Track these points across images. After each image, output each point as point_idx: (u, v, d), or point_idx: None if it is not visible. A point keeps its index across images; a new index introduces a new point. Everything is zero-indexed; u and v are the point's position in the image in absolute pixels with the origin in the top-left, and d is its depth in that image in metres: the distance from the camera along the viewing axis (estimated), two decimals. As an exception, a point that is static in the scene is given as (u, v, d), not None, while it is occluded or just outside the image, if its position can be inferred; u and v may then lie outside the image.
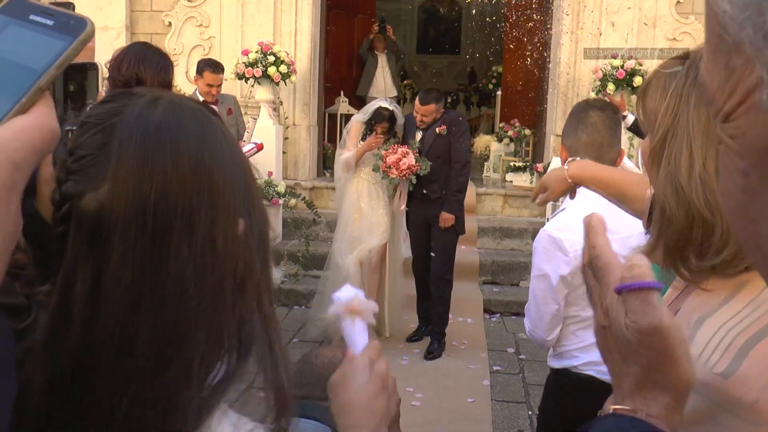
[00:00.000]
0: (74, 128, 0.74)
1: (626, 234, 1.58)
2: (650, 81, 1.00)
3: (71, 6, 1.59)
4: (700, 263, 0.94)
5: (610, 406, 0.68)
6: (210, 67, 5.05)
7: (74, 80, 1.13)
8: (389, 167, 4.82)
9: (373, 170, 4.96)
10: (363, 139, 5.01)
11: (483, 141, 9.37)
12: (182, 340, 0.70)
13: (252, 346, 0.75)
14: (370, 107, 5.14)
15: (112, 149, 0.69)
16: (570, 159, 1.97)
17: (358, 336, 0.92)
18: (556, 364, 2.29)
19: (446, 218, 4.94)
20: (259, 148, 4.88)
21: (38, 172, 1.25)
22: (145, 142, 0.69)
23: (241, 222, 0.74)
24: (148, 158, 0.69)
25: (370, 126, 4.99)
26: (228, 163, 0.74)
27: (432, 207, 4.99)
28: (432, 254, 5.07)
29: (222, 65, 5.26)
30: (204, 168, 0.71)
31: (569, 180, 1.70)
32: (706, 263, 0.92)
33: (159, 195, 0.69)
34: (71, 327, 0.70)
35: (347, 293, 0.93)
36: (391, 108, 5.05)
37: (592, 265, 0.70)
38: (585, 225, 0.71)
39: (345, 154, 5.03)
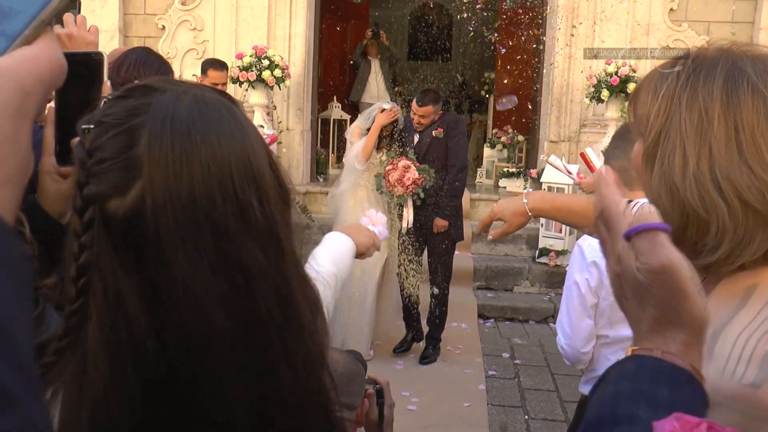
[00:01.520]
0: (90, 126, 0.70)
1: None
2: (641, 84, 1.01)
3: (76, 5, 1.57)
4: (695, 262, 0.93)
5: (629, 348, 0.69)
6: (213, 65, 4.99)
7: (78, 71, 1.10)
8: (394, 185, 4.65)
9: (377, 190, 4.79)
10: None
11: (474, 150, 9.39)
12: (285, 326, 0.71)
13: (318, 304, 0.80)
14: (373, 111, 4.99)
15: (141, 153, 0.66)
16: (525, 191, 1.92)
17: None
18: (588, 390, 2.24)
19: (439, 225, 4.82)
20: (272, 139, 4.68)
21: (39, 163, 1.23)
22: (177, 144, 0.67)
23: (281, 206, 0.74)
24: (183, 162, 0.66)
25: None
26: (258, 154, 0.73)
27: (427, 213, 4.85)
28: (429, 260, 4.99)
29: (225, 63, 5.21)
30: (240, 163, 0.70)
31: (530, 213, 1.65)
32: (700, 262, 0.91)
33: (204, 197, 0.67)
34: (134, 340, 0.67)
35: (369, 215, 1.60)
36: None
37: (603, 216, 0.72)
38: (595, 178, 0.73)
39: (356, 144, 4.84)
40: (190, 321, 0.67)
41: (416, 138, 4.92)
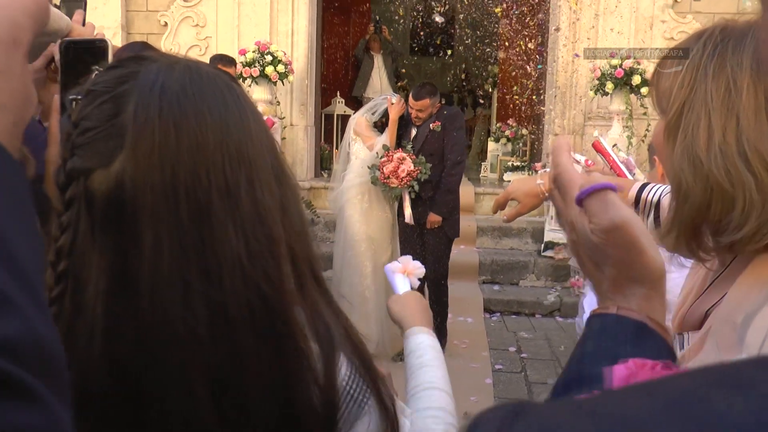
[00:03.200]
0: (79, 97, 0.67)
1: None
2: (664, 59, 0.97)
3: (84, 3, 1.55)
4: (718, 240, 0.89)
5: (592, 310, 0.69)
6: (222, 61, 4.92)
7: (83, 58, 1.08)
8: (388, 177, 4.60)
9: (372, 183, 4.72)
10: (380, 129, 4.86)
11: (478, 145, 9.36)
12: (261, 328, 0.63)
13: (333, 333, 0.69)
14: (379, 104, 4.96)
15: (126, 120, 0.61)
16: (541, 171, 1.85)
17: (401, 286, 1.30)
18: None
19: (432, 220, 4.74)
20: (269, 124, 4.64)
21: (46, 154, 1.22)
22: (165, 112, 0.61)
23: (280, 196, 0.67)
24: (170, 131, 0.61)
25: (382, 123, 4.85)
26: (255, 130, 0.67)
27: (424, 208, 4.77)
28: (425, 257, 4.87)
29: (233, 59, 5.16)
30: (233, 138, 0.64)
31: (544, 194, 1.60)
32: (724, 239, 0.87)
33: (189, 171, 0.61)
34: (90, 329, 0.60)
35: (403, 261, 1.35)
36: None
37: (557, 183, 0.71)
38: (551, 147, 0.72)
39: (380, 139, 4.78)
40: (147, 308, 0.60)
41: (413, 131, 4.86)
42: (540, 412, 0.33)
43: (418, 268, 1.36)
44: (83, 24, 1.41)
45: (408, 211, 4.80)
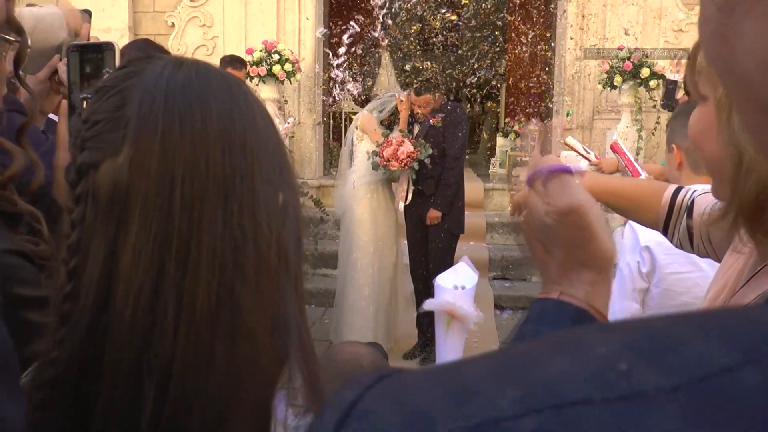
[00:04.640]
0: (90, 96, 0.68)
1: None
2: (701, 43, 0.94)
3: (88, 13, 1.56)
4: None
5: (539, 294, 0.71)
6: (232, 63, 4.91)
7: (90, 61, 1.07)
8: (388, 160, 4.58)
9: (372, 168, 4.71)
10: (387, 127, 4.85)
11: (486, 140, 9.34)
12: (223, 325, 0.60)
13: (290, 336, 0.65)
14: (386, 101, 4.95)
15: (131, 111, 0.62)
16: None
17: (449, 352, 0.89)
18: None
19: (431, 216, 4.70)
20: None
21: (54, 159, 1.22)
22: (169, 101, 0.62)
23: (280, 194, 0.65)
24: (174, 119, 0.61)
25: (389, 122, 4.85)
26: (261, 126, 0.66)
27: (427, 204, 4.72)
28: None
29: (244, 61, 5.17)
30: (237, 131, 0.63)
31: None
32: None
33: (188, 158, 0.60)
34: (78, 323, 0.60)
35: (451, 287, 0.94)
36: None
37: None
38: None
39: (392, 136, 4.76)
40: (120, 295, 0.59)
41: (416, 128, 4.82)
42: (402, 376, 0.34)
43: (470, 313, 1.03)
44: (87, 38, 1.42)
45: (402, 202, 4.75)
